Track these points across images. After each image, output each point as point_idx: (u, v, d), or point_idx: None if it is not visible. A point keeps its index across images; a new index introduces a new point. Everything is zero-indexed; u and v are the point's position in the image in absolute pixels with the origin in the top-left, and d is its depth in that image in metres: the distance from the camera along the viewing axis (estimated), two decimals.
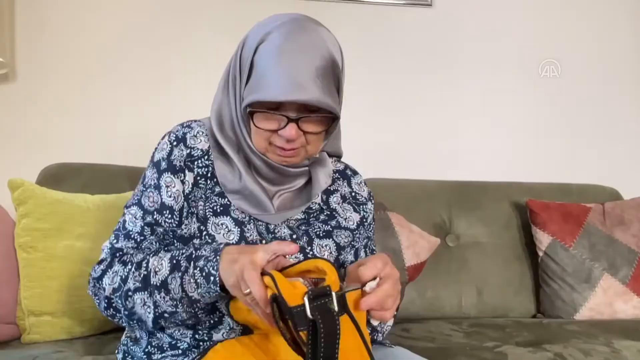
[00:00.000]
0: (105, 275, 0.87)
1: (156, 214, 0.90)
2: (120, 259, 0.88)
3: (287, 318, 0.65)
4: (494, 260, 1.76)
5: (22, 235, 1.33)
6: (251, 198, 0.90)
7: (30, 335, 1.29)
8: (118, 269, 0.86)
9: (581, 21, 2.16)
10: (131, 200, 0.94)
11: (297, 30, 0.84)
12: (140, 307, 0.83)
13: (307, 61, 0.82)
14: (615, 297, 1.63)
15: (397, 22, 2.07)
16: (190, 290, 0.78)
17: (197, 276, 0.77)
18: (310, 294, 0.66)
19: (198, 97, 1.90)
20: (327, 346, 0.64)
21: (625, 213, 1.75)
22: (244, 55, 0.88)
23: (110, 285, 0.86)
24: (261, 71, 0.84)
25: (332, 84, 0.85)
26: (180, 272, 0.79)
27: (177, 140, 0.92)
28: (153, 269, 0.82)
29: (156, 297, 0.81)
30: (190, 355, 0.87)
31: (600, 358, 1.25)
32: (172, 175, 0.91)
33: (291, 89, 0.80)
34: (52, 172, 1.58)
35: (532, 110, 2.14)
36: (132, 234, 0.90)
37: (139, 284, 0.83)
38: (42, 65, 1.85)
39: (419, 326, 1.51)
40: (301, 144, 0.88)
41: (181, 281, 0.79)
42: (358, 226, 1.01)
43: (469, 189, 1.86)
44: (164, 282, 0.80)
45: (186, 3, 1.95)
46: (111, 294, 0.86)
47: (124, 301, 0.85)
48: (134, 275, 0.83)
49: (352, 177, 1.07)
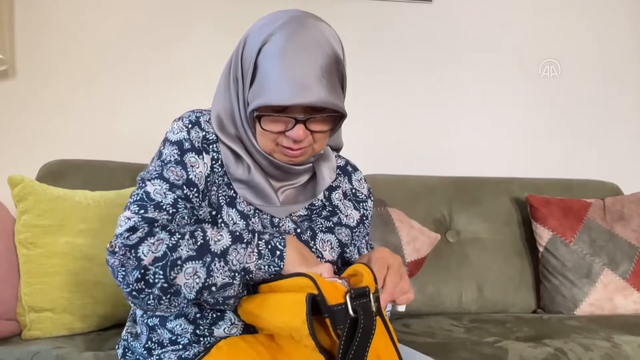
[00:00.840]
0: (143, 243, 0.77)
1: (185, 188, 0.86)
2: (165, 228, 0.80)
3: (325, 316, 0.68)
4: (494, 256, 1.76)
5: (23, 231, 1.33)
6: (257, 189, 0.91)
7: (30, 332, 1.29)
8: (164, 237, 0.78)
9: (581, 21, 2.16)
10: (147, 174, 0.87)
11: (299, 29, 0.83)
12: (186, 277, 0.76)
13: (311, 61, 0.81)
14: (615, 292, 1.63)
15: (399, 18, 2.06)
16: (250, 260, 0.78)
17: (262, 247, 0.78)
18: (352, 293, 0.69)
19: (198, 95, 1.90)
20: (360, 344, 0.67)
21: (626, 208, 1.75)
22: (246, 56, 0.87)
23: (153, 253, 0.76)
24: (265, 74, 0.83)
25: (336, 81, 0.85)
26: (243, 243, 0.79)
27: (191, 123, 0.91)
28: (212, 237, 0.79)
29: (213, 265, 0.77)
30: (191, 350, 0.86)
31: (600, 353, 1.25)
32: (196, 155, 0.89)
33: (298, 92, 0.80)
34: (52, 168, 1.58)
35: (532, 106, 2.14)
36: (163, 205, 0.83)
37: (194, 252, 0.77)
38: (42, 62, 1.85)
39: (420, 322, 1.51)
40: (308, 143, 0.88)
41: (243, 252, 0.78)
42: (358, 224, 1.01)
43: (469, 184, 1.86)
44: (224, 251, 0.78)
45: (186, 2, 1.94)
46: (150, 264, 0.76)
47: (168, 271, 0.76)
48: (189, 244, 0.78)
49: (352, 173, 1.07)
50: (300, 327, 0.68)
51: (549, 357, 1.22)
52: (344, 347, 0.66)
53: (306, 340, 0.68)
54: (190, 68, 1.93)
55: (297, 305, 0.69)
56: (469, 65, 2.10)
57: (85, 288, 1.33)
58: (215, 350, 0.80)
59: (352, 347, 0.66)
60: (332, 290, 0.70)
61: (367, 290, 0.71)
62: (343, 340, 0.67)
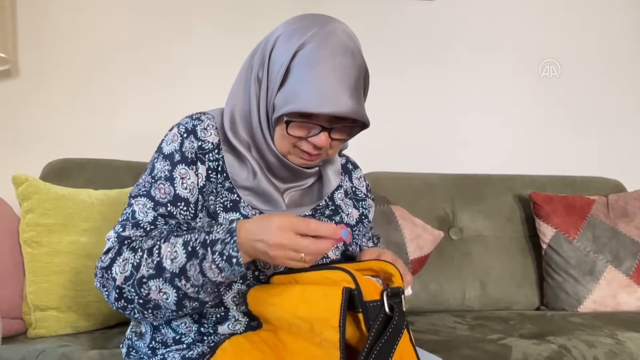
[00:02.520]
0: (114, 264, 0.82)
1: (170, 206, 0.87)
2: (129, 246, 0.83)
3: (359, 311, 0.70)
4: (498, 253, 1.76)
5: (27, 230, 1.33)
6: (263, 195, 0.91)
7: (36, 330, 1.29)
8: (128, 257, 0.81)
9: (582, 21, 2.16)
10: (137, 191, 0.89)
11: (334, 39, 0.84)
12: (155, 294, 0.79)
13: (345, 73, 0.83)
14: (619, 289, 1.63)
15: (401, 17, 2.06)
16: (213, 275, 0.76)
17: (218, 261, 0.75)
18: (389, 291, 0.73)
19: (201, 93, 1.91)
20: (388, 340, 0.69)
21: (629, 205, 1.75)
22: (277, 59, 0.86)
23: (122, 273, 0.80)
24: (299, 80, 0.83)
25: (362, 93, 0.88)
26: (198, 259, 0.77)
27: (187, 132, 0.90)
28: (167, 255, 0.78)
29: (176, 283, 0.78)
30: (195, 350, 0.87)
31: (604, 350, 1.25)
32: (187, 167, 0.89)
33: (331, 102, 0.81)
34: (55, 167, 1.59)
35: (535, 104, 2.14)
36: (141, 223, 0.86)
37: (153, 271, 0.79)
38: (44, 61, 1.85)
39: (423, 319, 1.51)
40: (325, 149, 0.90)
41: (200, 268, 0.76)
42: (357, 223, 1.02)
43: (472, 182, 1.86)
44: (183, 270, 0.77)
45: (187, 0, 1.95)
46: (122, 283, 0.80)
47: (138, 289, 0.79)
48: (147, 262, 0.79)
49: (352, 171, 1.08)
50: (329, 318, 0.69)
51: (552, 354, 1.22)
52: (372, 342, 0.68)
53: (329, 333, 0.69)
54: (192, 66, 1.93)
55: (329, 297, 0.70)
56: (471, 63, 2.10)
57: (90, 287, 1.34)
58: (220, 352, 0.80)
59: (379, 343, 0.68)
60: (369, 287, 0.73)
61: (401, 291, 0.75)
62: (372, 334, 0.69)
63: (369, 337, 0.69)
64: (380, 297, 0.72)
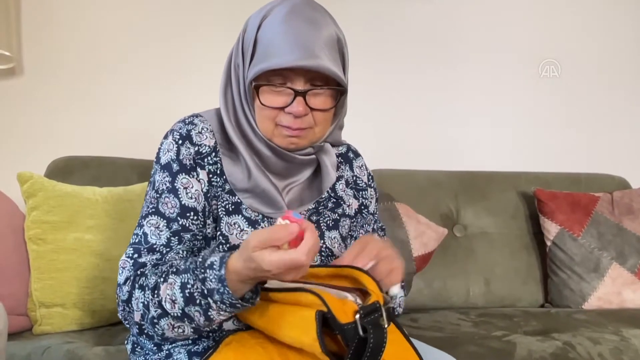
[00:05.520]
0: (132, 298, 0.80)
1: (181, 219, 0.84)
2: (139, 284, 0.80)
3: (336, 333, 0.68)
4: (502, 250, 1.76)
5: (32, 227, 1.34)
6: (263, 196, 0.88)
7: (41, 327, 1.30)
8: (139, 296, 0.79)
9: (582, 21, 2.15)
10: (146, 209, 0.86)
11: (302, 4, 0.84)
12: (171, 331, 0.77)
13: (313, 31, 0.81)
14: (623, 286, 1.63)
15: (404, 16, 2.06)
16: (222, 317, 0.74)
17: (223, 308, 0.72)
18: (362, 312, 0.69)
19: (203, 90, 1.90)
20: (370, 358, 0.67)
21: (634, 202, 1.74)
22: (247, 37, 0.87)
23: (137, 312, 0.79)
24: (267, 42, 0.83)
25: (338, 58, 0.85)
26: (201, 307, 0.73)
27: (182, 139, 0.88)
28: (166, 298, 0.75)
29: (182, 323, 0.76)
30: (200, 345, 0.87)
31: (609, 347, 1.25)
32: (187, 175, 0.86)
33: (300, 55, 0.79)
34: (60, 165, 1.59)
35: (539, 100, 2.13)
36: (156, 247, 0.83)
37: (160, 310, 0.76)
38: (49, 59, 1.86)
39: (427, 316, 1.51)
40: (309, 125, 0.87)
41: (206, 316, 0.73)
42: (356, 214, 1.00)
43: (476, 179, 1.85)
44: (184, 313, 0.75)
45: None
46: (140, 320, 0.79)
47: (152, 328, 0.78)
48: (153, 302, 0.77)
49: (354, 159, 1.05)
50: (311, 344, 0.68)
51: (557, 350, 1.22)
52: None
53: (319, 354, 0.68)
54: (196, 63, 1.93)
55: (306, 322, 0.69)
56: (473, 63, 2.10)
57: (95, 284, 1.34)
58: (223, 347, 0.80)
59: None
60: (341, 308, 0.69)
61: (378, 305, 0.70)
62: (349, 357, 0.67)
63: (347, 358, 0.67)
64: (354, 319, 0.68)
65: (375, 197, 1.06)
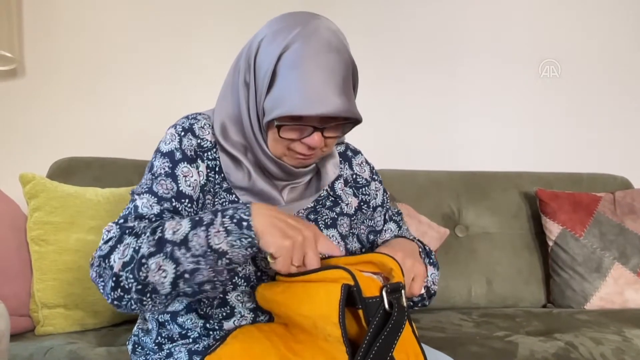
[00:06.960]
0: (114, 252, 0.77)
1: (174, 201, 0.85)
2: (132, 233, 0.79)
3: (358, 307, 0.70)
4: (504, 250, 1.76)
5: (34, 228, 1.34)
6: (260, 195, 0.90)
7: (44, 328, 1.30)
8: (130, 241, 0.77)
9: (582, 21, 2.15)
10: (140, 188, 0.87)
11: (317, 37, 0.83)
12: (154, 274, 0.74)
13: (332, 72, 0.82)
14: (626, 286, 1.62)
15: (405, 17, 2.06)
16: (218, 241, 0.72)
17: (227, 224, 0.72)
18: (388, 288, 0.73)
19: (205, 90, 1.91)
20: (388, 336, 0.69)
21: (636, 202, 1.74)
22: (262, 62, 0.86)
23: (121, 259, 0.76)
24: (286, 83, 0.82)
25: (351, 88, 0.86)
26: (203, 225, 0.73)
27: (184, 131, 0.90)
28: (170, 228, 0.75)
29: (176, 254, 0.73)
30: (201, 343, 0.87)
31: (611, 347, 1.24)
32: (189, 164, 0.88)
33: (320, 103, 0.80)
34: (62, 166, 1.59)
35: (540, 100, 2.13)
36: (146, 216, 0.83)
37: (154, 248, 0.74)
38: (50, 60, 1.86)
39: (429, 316, 1.51)
40: (320, 148, 0.89)
41: (206, 234, 0.73)
42: (356, 211, 1.01)
43: (478, 179, 1.85)
44: (184, 239, 0.73)
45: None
46: (120, 270, 0.75)
47: (136, 273, 0.74)
48: (149, 241, 0.75)
49: (352, 158, 1.06)
50: (329, 315, 0.69)
51: (559, 351, 1.22)
52: (371, 337, 0.68)
53: (331, 329, 0.69)
54: (198, 64, 1.94)
55: (330, 294, 0.70)
56: (473, 63, 2.10)
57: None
58: (230, 339, 0.80)
59: (379, 339, 0.69)
60: (369, 284, 0.73)
61: (401, 286, 0.74)
62: (371, 329, 0.69)
63: (368, 333, 0.69)
64: (380, 294, 0.72)
65: (381, 188, 1.07)
